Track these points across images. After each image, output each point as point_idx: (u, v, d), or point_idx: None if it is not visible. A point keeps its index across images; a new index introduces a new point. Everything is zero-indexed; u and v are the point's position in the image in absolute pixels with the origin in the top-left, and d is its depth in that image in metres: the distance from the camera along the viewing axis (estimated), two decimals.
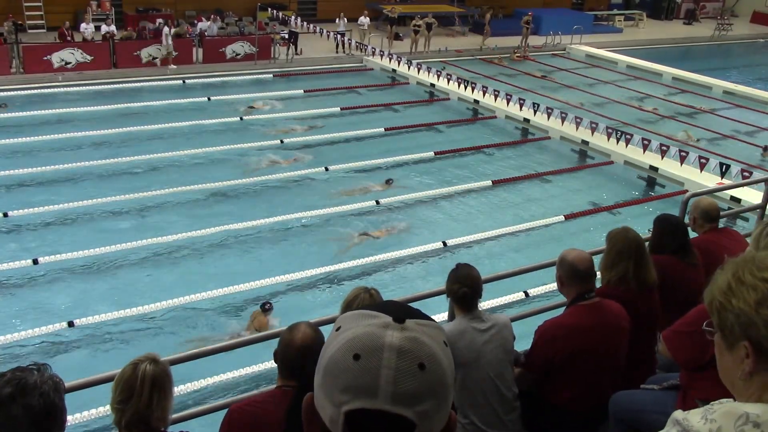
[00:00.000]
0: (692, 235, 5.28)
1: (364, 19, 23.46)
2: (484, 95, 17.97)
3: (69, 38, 19.39)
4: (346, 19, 23.38)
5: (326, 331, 1.23)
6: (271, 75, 20.57)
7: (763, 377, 1.43)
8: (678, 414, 1.45)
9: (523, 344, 4.20)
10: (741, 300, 1.44)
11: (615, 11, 33.12)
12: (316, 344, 3.00)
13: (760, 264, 1.45)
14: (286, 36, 21.97)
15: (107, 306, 9.01)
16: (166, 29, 19.84)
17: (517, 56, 24.56)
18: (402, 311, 1.04)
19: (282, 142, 15.14)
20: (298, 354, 3.00)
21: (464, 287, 3.79)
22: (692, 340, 3.32)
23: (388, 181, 13.38)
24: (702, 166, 13.28)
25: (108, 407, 6.91)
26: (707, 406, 1.44)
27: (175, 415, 3.43)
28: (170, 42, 19.66)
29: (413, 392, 0.97)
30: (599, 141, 15.44)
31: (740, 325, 1.44)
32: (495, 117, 17.87)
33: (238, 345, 4.18)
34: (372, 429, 0.97)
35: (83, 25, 20.27)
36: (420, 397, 0.97)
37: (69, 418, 2.49)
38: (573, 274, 3.93)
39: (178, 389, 7.27)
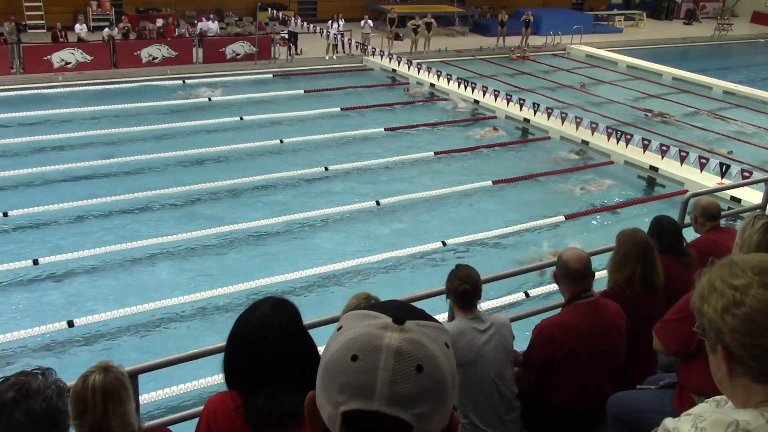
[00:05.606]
0: (695, 235, 5.28)
1: (366, 24, 23.20)
2: (484, 95, 17.98)
3: (62, 39, 19.38)
4: (343, 20, 23.31)
5: (327, 331, 1.24)
6: (271, 75, 20.58)
7: (744, 381, 1.42)
8: (668, 422, 1.45)
9: (523, 344, 4.21)
10: (711, 306, 1.44)
11: (615, 11, 33.10)
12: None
13: (732, 270, 1.44)
14: (286, 36, 22.00)
15: (107, 306, 9.01)
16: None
17: (516, 56, 24.56)
18: (403, 312, 1.04)
19: (281, 142, 15.15)
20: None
21: (465, 284, 3.80)
22: (680, 327, 3.37)
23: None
24: (702, 166, 13.29)
25: None
26: (697, 413, 1.44)
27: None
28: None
29: (410, 394, 0.97)
30: (599, 141, 15.45)
31: (713, 330, 1.44)
32: (495, 117, 17.89)
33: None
34: (369, 430, 0.97)
35: (77, 26, 20.32)
36: (417, 399, 0.97)
37: None
38: (566, 273, 3.95)
39: (177, 388, 7.29)
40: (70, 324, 8.54)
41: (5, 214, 11.08)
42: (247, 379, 2.39)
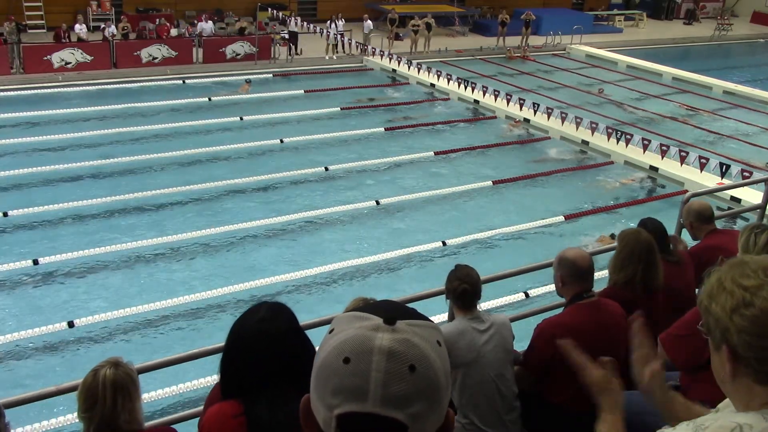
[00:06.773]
0: (694, 242, 5.26)
1: (368, 24, 23.28)
2: (484, 95, 17.97)
3: (65, 39, 19.38)
4: (343, 20, 23.30)
5: (320, 333, 1.24)
6: (271, 75, 20.58)
7: (746, 382, 1.42)
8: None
9: (523, 344, 4.20)
10: (719, 305, 1.43)
11: (615, 11, 33.10)
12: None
13: (744, 270, 1.42)
14: (286, 36, 22.00)
15: (107, 306, 9.01)
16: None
17: (515, 55, 24.55)
18: (395, 312, 1.04)
19: (281, 141, 15.16)
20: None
21: (464, 284, 3.80)
22: (688, 343, 3.34)
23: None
24: (702, 166, 13.30)
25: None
26: (700, 421, 1.42)
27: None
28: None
29: (403, 395, 0.97)
30: (599, 141, 15.45)
31: (719, 330, 1.43)
32: (495, 117, 17.88)
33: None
34: (364, 431, 0.98)
35: (77, 27, 20.33)
36: (411, 399, 0.97)
37: (36, 426, 2.48)
38: (574, 273, 3.92)
39: (175, 388, 7.29)
40: (70, 324, 8.53)
41: (5, 214, 11.08)
42: (247, 386, 2.34)
